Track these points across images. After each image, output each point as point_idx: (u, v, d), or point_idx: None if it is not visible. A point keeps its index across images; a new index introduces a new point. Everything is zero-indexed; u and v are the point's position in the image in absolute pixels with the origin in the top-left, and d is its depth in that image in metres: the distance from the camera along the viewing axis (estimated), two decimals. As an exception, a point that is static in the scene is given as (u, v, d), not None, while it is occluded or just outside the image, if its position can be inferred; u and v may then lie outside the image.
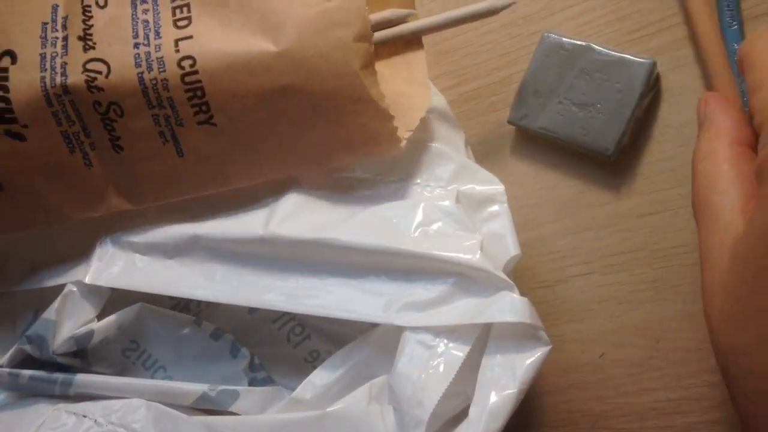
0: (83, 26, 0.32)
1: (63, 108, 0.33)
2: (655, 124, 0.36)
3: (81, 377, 0.38)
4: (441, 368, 0.31)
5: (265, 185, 0.35)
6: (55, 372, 0.38)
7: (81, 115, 0.33)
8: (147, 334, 0.40)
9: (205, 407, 0.37)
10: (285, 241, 0.34)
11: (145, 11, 0.32)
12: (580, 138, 0.35)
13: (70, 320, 0.38)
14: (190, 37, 0.31)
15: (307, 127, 0.32)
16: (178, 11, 0.32)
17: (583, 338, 0.37)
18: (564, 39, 0.36)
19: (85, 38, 0.32)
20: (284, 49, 0.30)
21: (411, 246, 0.32)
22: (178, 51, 0.31)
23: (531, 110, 0.36)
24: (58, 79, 0.32)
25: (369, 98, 0.31)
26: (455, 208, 0.33)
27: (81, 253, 0.39)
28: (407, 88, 0.35)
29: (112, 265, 0.37)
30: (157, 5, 0.32)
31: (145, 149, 0.33)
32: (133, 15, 0.32)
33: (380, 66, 0.34)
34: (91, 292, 0.38)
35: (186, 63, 0.31)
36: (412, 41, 0.36)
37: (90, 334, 0.38)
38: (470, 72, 0.40)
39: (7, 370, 0.39)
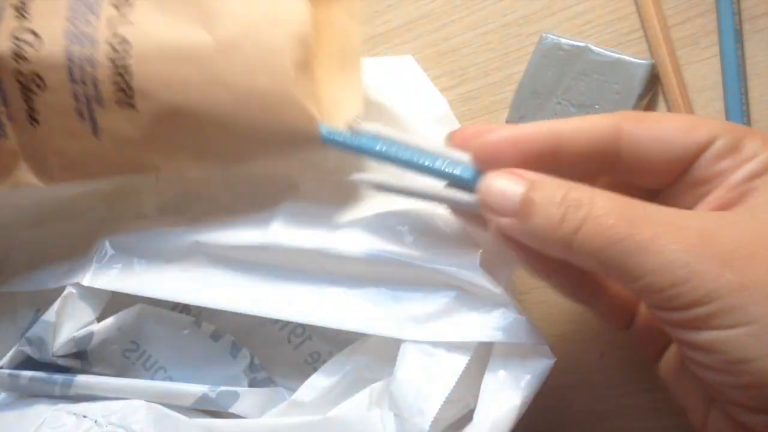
0: None
1: None
2: (655, 124, 0.36)
3: (81, 378, 0.38)
4: (442, 375, 0.31)
5: (265, 189, 0.35)
6: (55, 373, 0.38)
7: (2, 82, 0.32)
8: (147, 335, 0.40)
9: (205, 408, 0.37)
10: (284, 249, 0.33)
11: None
12: None
13: (70, 322, 0.38)
14: (128, 20, 0.31)
15: (231, 123, 0.31)
16: None
17: (583, 338, 0.37)
18: (562, 40, 0.36)
19: (21, 8, 0.32)
20: (220, 41, 0.30)
21: (410, 257, 0.32)
22: (114, 33, 0.31)
23: (529, 111, 0.36)
24: None
25: (298, 101, 0.30)
26: (455, 218, 0.33)
27: (80, 255, 0.39)
28: (338, 93, 0.33)
29: (111, 268, 0.37)
30: None
31: (61, 125, 0.33)
32: None
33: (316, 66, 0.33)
34: (91, 293, 0.38)
35: (119, 45, 0.31)
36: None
37: (90, 335, 0.38)
38: (470, 72, 0.40)
39: (7, 371, 0.39)
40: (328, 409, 0.33)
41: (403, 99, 0.39)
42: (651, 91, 0.35)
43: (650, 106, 0.36)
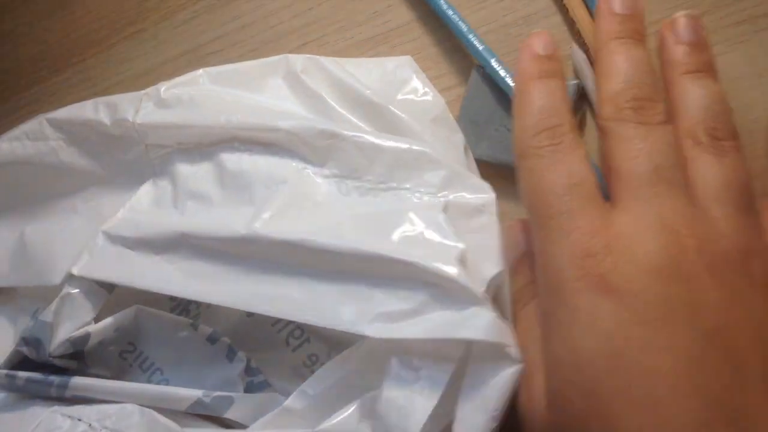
0: None
1: None
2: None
3: (77, 380, 0.38)
4: (425, 392, 0.30)
5: (255, 185, 0.35)
6: (52, 374, 0.38)
7: None
8: (144, 337, 0.40)
9: (199, 413, 0.37)
10: (265, 241, 0.33)
11: None
12: None
13: (67, 322, 0.38)
14: None
15: None
16: None
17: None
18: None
19: None
20: None
21: (391, 253, 0.31)
22: None
23: (470, 138, 0.37)
24: None
25: None
26: (441, 218, 0.32)
27: (75, 247, 0.39)
28: None
29: (101, 259, 0.38)
30: None
31: None
32: None
33: None
34: (89, 294, 0.38)
35: None
36: None
37: (87, 336, 0.38)
38: (470, 72, 0.40)
39: (4, 371, 0.39)
40: (320, 417, 0.32)
41: (402, 99, 0.38)
42: (579, 110, 0.35)
43: (584, 122, 0.36)
